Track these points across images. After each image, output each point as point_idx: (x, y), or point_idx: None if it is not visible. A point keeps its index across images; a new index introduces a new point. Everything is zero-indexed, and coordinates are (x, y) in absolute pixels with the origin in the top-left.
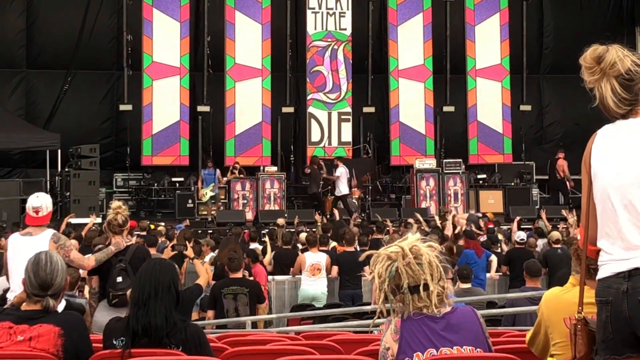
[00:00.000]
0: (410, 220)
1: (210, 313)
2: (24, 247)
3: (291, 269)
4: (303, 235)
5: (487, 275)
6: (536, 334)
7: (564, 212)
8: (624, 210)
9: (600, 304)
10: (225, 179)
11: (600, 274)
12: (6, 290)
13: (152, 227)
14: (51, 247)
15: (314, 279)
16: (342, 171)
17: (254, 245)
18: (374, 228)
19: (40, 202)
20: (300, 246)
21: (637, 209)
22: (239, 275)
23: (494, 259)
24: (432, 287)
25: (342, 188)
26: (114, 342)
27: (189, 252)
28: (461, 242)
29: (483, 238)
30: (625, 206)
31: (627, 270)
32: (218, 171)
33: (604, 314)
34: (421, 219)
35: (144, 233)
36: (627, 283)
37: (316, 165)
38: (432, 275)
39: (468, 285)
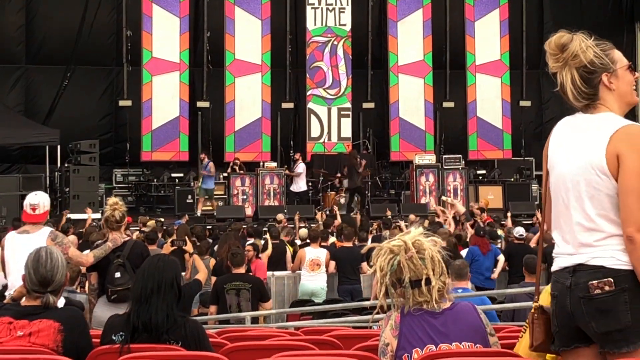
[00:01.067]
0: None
1: (212, 308)
2: (21, 245)
3: (290, 264)
4: (303, 232)
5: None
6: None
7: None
8: (574, 203)
9: (551, 297)
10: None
11: (553, 267)
12: (4, 287)
13: (151, 222)
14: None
15: (313, 274)
16: (303, 167)
17: (251, 241)
18: (381, 224)
19: (38, 199)
20: (299, 242)
21: (584, 204)
22: (242, 270)
23: (501, 258)
24: (434, 282)
25: (302, 184)
26: (113, 338)
27: (188, 247)
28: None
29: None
30: (574, 199)
31: (572, 266)
32: (211, 163)
33: (552, 307)
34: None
35: (146, 229)
36: (572, 278)
37: (355, 158)
38: (434, 270)
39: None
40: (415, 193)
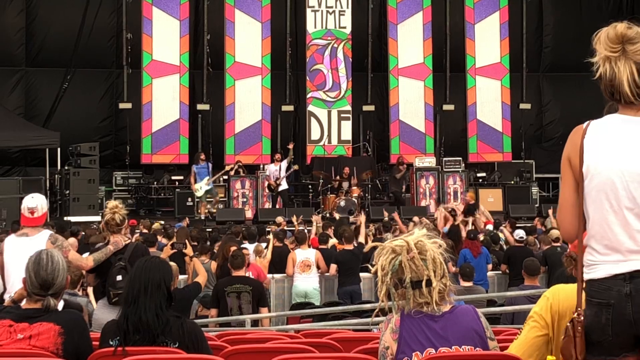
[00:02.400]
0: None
1: (213, 312)
2: (20, 249)
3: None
4: None
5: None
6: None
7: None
8: (626, 210)
9: (599, 306)
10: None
11: (595, 275)
12: (3, 291)
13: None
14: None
15: (305, 275)
16: (285, 165)
17: (246, 245)
18: (380, 227)
19: (36, 202)
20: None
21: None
22: (242, 273)
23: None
24: (435, 284)
25: (284, 183)
26: (110, 343)
27: (188, 250)
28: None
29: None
30: (628, 208)
31: (628, 272)
32: (211, 165)
33: (603, 317)
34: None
35: (146, 231)
36: (629, 285)
37: (401, 165)
38: (435, 272)
39: (469, 284)
40: (415, 196)
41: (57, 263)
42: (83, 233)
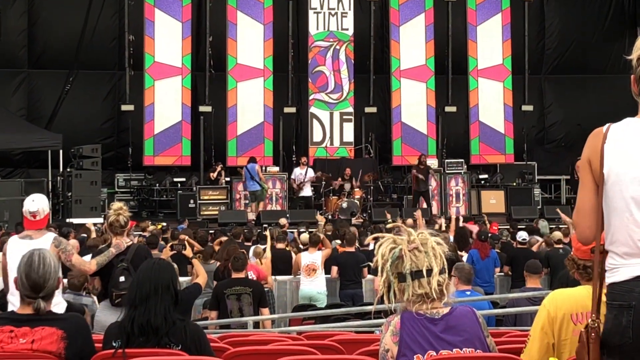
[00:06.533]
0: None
1: (213, 314)
2: (24, 251)
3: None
4: (304, 236)
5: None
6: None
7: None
8: None
9: (620, 308)
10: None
11: (616, 278)
12: (3, 292)
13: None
14: (52, 251)
15: (310, 279)
16: (312, 172)
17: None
18: (383, 230)
19: (37, 206)
20: (302, 247)
21: None
22: (242, 275)
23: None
24: (435, 271)
25: (307, 190)
26: (114, 344)
27: (188, 251)
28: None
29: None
30: None
31: None
32: (256, 166)
33: (624, 319)
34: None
35: (147, 234)
36: None
37: (423, 165)
38: (436, 263)
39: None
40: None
41: (49, 265)
42: (76, 232)
